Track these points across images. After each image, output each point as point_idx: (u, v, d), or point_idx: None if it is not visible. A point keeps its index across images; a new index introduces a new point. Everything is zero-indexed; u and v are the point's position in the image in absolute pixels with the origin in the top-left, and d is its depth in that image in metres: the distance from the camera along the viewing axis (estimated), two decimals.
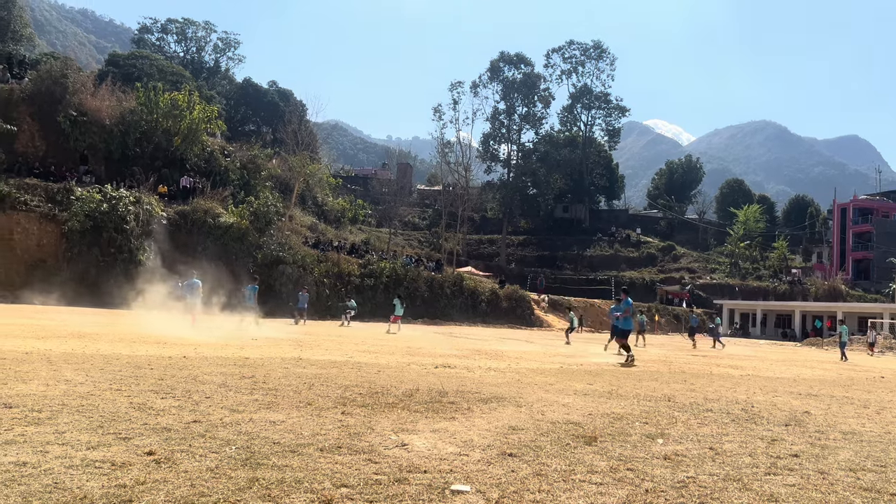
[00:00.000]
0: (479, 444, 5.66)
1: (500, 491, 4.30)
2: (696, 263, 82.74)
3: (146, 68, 64.29)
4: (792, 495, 4.58)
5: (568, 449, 5.66)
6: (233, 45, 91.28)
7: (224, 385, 8.25)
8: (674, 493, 4.49)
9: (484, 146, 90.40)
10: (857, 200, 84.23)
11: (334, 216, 65.79)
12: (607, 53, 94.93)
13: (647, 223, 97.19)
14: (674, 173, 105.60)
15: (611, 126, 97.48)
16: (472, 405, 7.75)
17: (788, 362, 23.87)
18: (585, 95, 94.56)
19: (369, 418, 6.54)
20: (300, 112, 68.66)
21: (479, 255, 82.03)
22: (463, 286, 49.21)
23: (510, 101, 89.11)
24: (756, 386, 12.77)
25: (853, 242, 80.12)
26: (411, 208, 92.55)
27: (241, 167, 51.60)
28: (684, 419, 7.75)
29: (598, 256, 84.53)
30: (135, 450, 4.80)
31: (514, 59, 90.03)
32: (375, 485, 4.31)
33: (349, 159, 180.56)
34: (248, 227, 41.29)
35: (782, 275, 76.28)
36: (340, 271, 43.56)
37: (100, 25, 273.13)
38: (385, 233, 71.76)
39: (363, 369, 11.26)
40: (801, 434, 7.21)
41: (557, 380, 11.62)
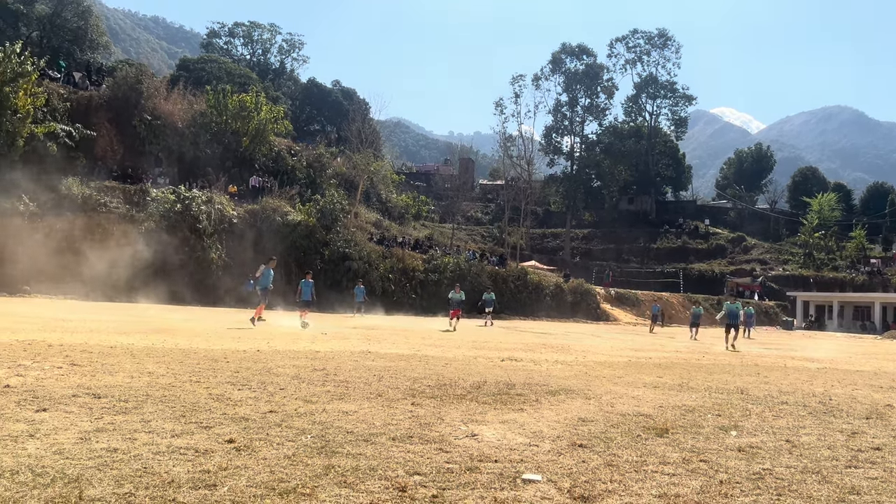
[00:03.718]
0: (548, 434, 5.67)
1: (571, 480, 4.32)
2: (768, 255, 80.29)
3: (215, 71, 66.14)
4: (874, 488, 4.45)
5: (639, 440, 5.63)
6: (297, 46, 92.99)
7: (297, 377, 8.47)
8: (749, 484, 4.42)
9: (546, 139, 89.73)
10: None
11: (398, 212, 66.39)
12: (672, 41, 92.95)
13: (716, 214, 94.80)
14: (743, 162, 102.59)
15: (677, 115, 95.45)
16: (540, 397, 7.76)
17: (869, 355, 22.98)
18: (650, 85, 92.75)
19: (439, 409, 6.62)
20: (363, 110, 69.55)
21: (542, 248, 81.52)
22: (527, 280, 49.03)
23: (572, 93, 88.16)
24: (834, 379, 12.36)
25: None
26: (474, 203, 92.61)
27: (307, 166, 52.63)
28: (758, 411, 7.59)
29: (666, 249, 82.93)
30: (216, 438, 4.99)
31: (575, 51, 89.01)
32: (447, 473, 4.38)
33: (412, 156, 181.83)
34: (315, 225, 42.10)
35: (860, 265, 73.26)
36: (405, 267, 44.00)
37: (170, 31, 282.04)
38: (448, 228, 72.01)
39: (430, 362, 11.39)
40: (884, 427, 6.97)
41: (626, 373, 11.51)
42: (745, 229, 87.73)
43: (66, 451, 4.40)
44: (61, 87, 42.49)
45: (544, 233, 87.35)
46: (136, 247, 34.80)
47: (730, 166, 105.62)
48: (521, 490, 4.10)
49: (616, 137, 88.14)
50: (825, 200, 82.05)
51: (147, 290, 32.20)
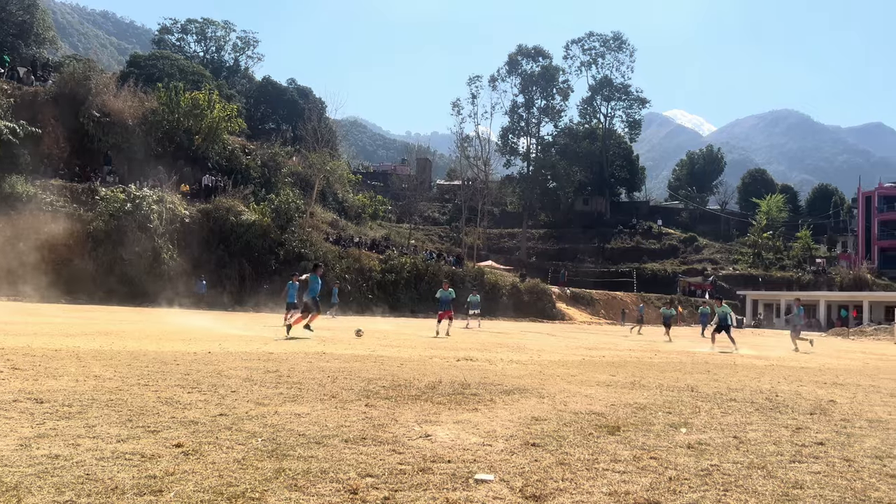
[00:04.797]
0: (502, 434, 5.69)
1: (523, 479, 4.33)
2: (719, 254, 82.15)
3: (167, 68, 64.90)
4: (817, 482, 4.56)
5: (591, 438, 5.68)
6: (252, 44, 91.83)
7: (249, 379, 8.35)
8: (697, 480, 4.49)
9: (503, 140, 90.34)
10: (882, 188, 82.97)
11: (354, 212, 66.09)
12: (627, 44, 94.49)
13: (669, 215, 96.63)
14: (695, 164, 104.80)
15: (631, 117, 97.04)
16: (494, 397, 7.78)
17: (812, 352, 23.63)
18: (605, 87, 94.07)
19: (393, 410, 6.59)
20: (319, 109, 68.97)
21: (499, 249, 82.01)
22: (484, 280, 49.26)
23: (529, 95, 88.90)
24: (780, 376, 12.67)
25: (879, 231, 79.03)
26: (431, 203, 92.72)
27: (261, 165, 52.03)
28: (707, 408, 7.73)
29: (620, 249, 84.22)
30: (163, 442, 4.88)
31: (531, 52, 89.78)
32: (400, 474, 4.36)
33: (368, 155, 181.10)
34: (270, 224, 41.66)
35: (806, 265, 75.48)
36: (361, 267, 43.79)
37: (121, 27, 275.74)
38: (405, 228, 71.97)
39: (386, 363, 11.34)
40: (827, 422, 7.16)
41: (580, 371, 11.63)
42: (696, 229, 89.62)
43: (5, 459, 4.26)
44: (5, 83, 41.26)
45: (501, 233, 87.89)
46: (84, 247, 33.97)
47: (682, 168, 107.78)
48: (474, 490, 4.10)
49: (571, 139, 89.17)
50: (773, 202, 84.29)
51: (95, 291, 31.45)
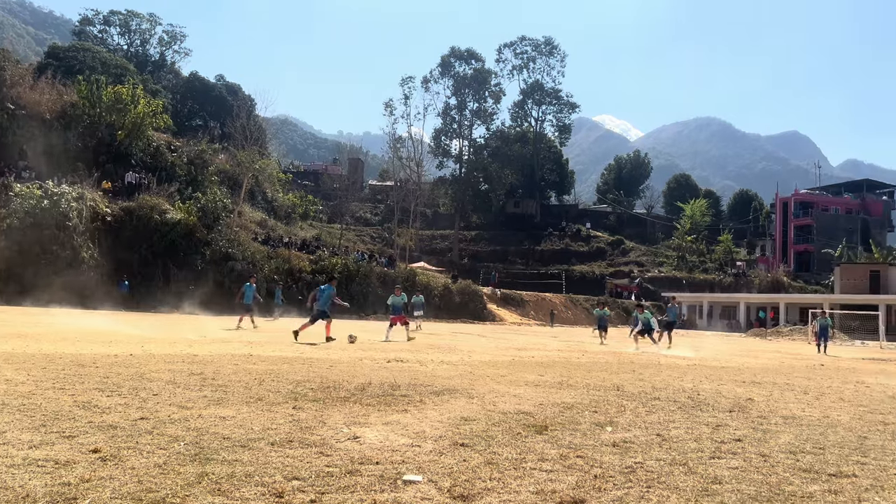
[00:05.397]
0: (431, 435, 5.68)
1: (451, 480, 4.33)
2: (645, 257, 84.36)
3: (88, 61, 62.49)
4: (735, 477, 4.72)
5: (519, 438, 5.73)
6: (178, 39, 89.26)
7: (172, 382, 8.11)
8: (622, 478, 4.59)
9: (436, 141, 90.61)
10: (798, 195, 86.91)
11: (284, 212, 65.12)
12: (558, 50, 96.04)
13: (597, 218, 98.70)
14: (622, 169, 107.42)
15: (561, 122, 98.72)
16: (424, 398, 7.77)
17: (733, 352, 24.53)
18: (536, 91, 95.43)
19: (321, 412, 6.51)
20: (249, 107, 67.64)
21: (431, 250, 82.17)
22: (416, 281, 49.17)
23: (461, 97, 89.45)
24: (702, 375, 13.09)
25: (795, 235, 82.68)
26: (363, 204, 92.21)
27: (188, 162, 50.68)
28: (633, 407, 7.91)
29: (549, 251, 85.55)
30: (79, 448, 4.69)
31: (464, 55, 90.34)
32: (327, 477, 4.30)
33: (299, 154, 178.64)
34: (196, 224, 40.60)
35: (727, 267, 78.30)
36: (291, 268, 43.12)
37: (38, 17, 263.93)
38: (336, 228, 71.35)
39: (315, 365, 11.19)
40: (745, 419, 7.42)
41: (509, 371, 11.74)
42: (623, 232, 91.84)
43: None
44: None
45: (433, 234, 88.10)
46: None
47: (610, 172, 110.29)
48: (402, 491, 4.08)
49: (503, 142, 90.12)
50: (697, 206, 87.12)
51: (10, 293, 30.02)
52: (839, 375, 14.91)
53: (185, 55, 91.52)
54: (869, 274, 58.41)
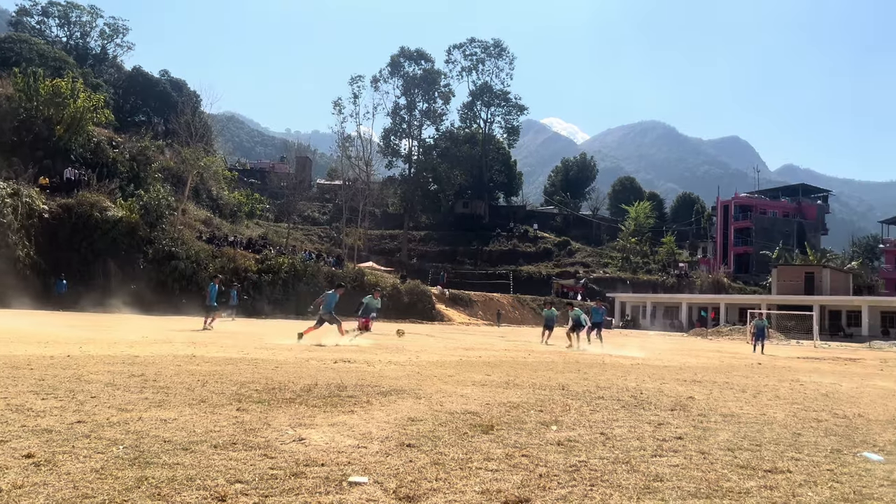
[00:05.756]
0: (377, 436, 5.66)
1: (397, 481, 4.32)
2: (590, 258, 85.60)
3: (25, 53, 60.35)
4: (675, 475, 4.82)
5: (465, 438, 5.75)
6: (121, 32, 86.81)
7: (111, 384, 7.89)
8: (566, 476, 4.64)
9: (385, 141, 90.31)
10: (738, 198, 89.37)
11: (230, 210, 64.02)
12: (507, 52, 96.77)
13: (544, 219, 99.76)
14: (569, 171, 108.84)
15: (510, 124, 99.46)
16: (371, 398, 7.74)
17: (675, 351, 25.09)
18: (485, 93, 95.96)
19: (266, 414, 6.42)
20: (194, 103, 66.28)
21: (380, 250, 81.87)
22: (364, 281, 48.93)
23: (411, 97, 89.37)
24: (645, 374, 13.34)
25: (734, 238, 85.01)
26: (311, 203, 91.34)
27: (130, 159, 49.41)
28: (577, 406, 8.01)
29: (497, 251, 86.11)
30: (11, 453, 4.52)
31: (414, 55, 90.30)
32: (271, 479, 4.24)
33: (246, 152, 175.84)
34: (138, 221, 39.61)
35: (670, 268, 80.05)
36: (236, 267, 42.42)
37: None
38: (284, 227, 70.47)
39: (260, 365, 11.03)
40: (686, 418, 7.59)
41: (457, 371, 11.76)
42: (570, 234, 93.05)
43: None
44: None
45: (382, 234, 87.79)
46: None
47: (557, 174, 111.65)
48: (347, 493, 4.05)
49: (452, 143, 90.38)
50: (641, 208, 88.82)
51: None
52: (776, 374, 15.38)
53: (127, 49, 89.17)
54: (804, 275, 60.45)
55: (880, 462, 5.63)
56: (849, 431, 7.20)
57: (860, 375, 16.60)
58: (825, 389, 11.97)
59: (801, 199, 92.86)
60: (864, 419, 8.27)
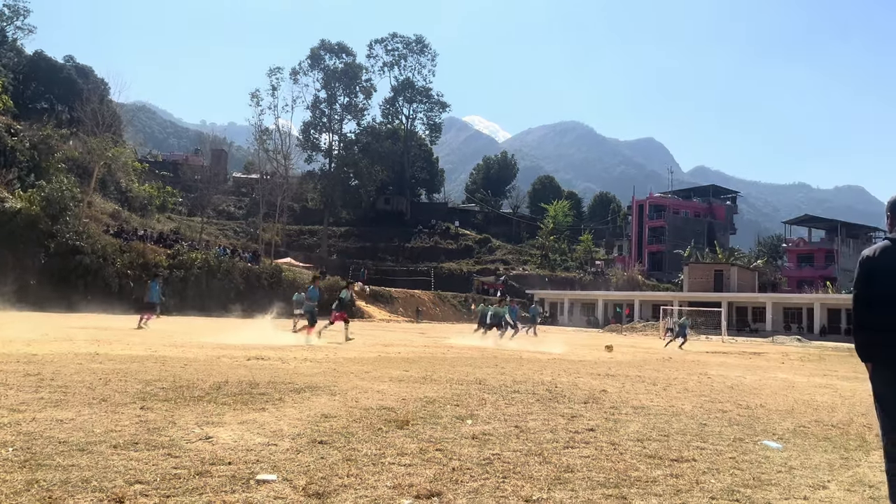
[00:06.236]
0: (288, 433, 5.52)
1: (307, 478, 4.22)
2: (511, 255, 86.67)
3: None
4: (586, 465, 4.89)
5: (379, 434, 5.68)
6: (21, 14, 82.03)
7: (3, 383, 7.43)
8: (479, 469, 4.64)
9: (304, 135, 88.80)
10: (652, 198, 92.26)
11: (140, 203, 61.74)
12: (429, 48, 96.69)
13: (466, 216, 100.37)
14: (490, 169, 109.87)
15: (432, 121, 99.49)
16: (283, 395, 7.56)
17: (591, 347, 25.68)
18: (407, 89, 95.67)
19: (172, 412, 6.17)
20: (101, 90, 63.44)
21: (299, 246, 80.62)
22: (281, 278, 48.08)
23: (331, 91, 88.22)
24: (560, 368, 13.57)
25: (649, 236, 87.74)
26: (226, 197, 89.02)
27: (30, 147, 46.94)
28: (493, 400, 8.06)
29: (419, 248, 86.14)
30: None
31: (335, 48, 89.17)
32: (174, 479, 4.07)
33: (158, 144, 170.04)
34: (39, 214, 37.61)
35: (588, 266, 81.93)
36: (146, 262, 40.88)
37: None
38: (197, 222, 68.47)
39: (168, 363, 10.64)
40: (598, 410, 7.74)
41: (374, 368, 11.67)
42: (490, 231, 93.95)
43: None
44: None
45: (301, 229, 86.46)
46: None
47: (478, 172, 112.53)
48: (254, 491, 3.92)
49: (374, 138, 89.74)
50: (560, 207, 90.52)
51: None
52: (685, 368, 15.94)
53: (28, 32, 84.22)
54: (713, 273, 63.05)
55: (779, 449, 5.88)
56: (751, 421, 7.50)
57: (763, 368, 17.40)
58: (731, 382, 12.47)
59: (712, 199, 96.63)
60: (765, 409, 8.64)
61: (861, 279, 3.99)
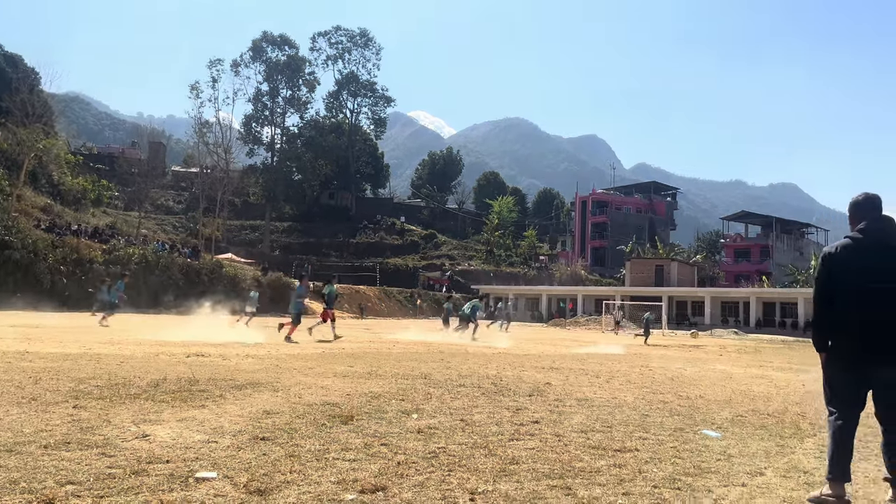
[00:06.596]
0: (229, 430, 5.40)
1: (248, 475, 4.12)
2: (456, 251, 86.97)
3: None
4: (531, 457, 4.91)
5: (323, 429, 5.60)
6: None
7: None
8: (424, 463, 4.61)
9: (246, 128, 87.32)
10: (595, 194, 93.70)
11: (73, 197, 59.76)
12: (373, 42, 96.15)
13: (411, 212, 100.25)
14: (436, 164, 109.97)
15: (377, 115, 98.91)
16: (224, 392, 7.39)
17: (536, 341, 25.95)
18: (352, 83, 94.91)
19: (106, 411, 5.96)
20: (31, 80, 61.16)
21: (240, 241, 79.30)
22: (222, 273, 47.14)
23: (274, 83, 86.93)
24: (506, 362, 13.65)
25: (592, 232, 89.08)
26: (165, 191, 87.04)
27: None
28: (438, 394, 8.04)
29: (364, 244, 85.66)
30: None
31: (277, 40, 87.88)
32: (109, 479, 3.93)
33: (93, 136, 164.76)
34: None
35: (532, 261, 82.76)
36: (80, 258, 39.53)
37: None
38: (134, 216, 66.68)
39: (103, 361, 10.31)
40: (543, 403, 7.79)
41: (318, 364, 11.53)
42: (436, 227, 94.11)
43: None
44: None
45: (242, 224, 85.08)
46: None
47: (424, 167, 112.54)
48: (193, 489, 3.81)
49: (318, 132, 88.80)
50: (504, 203, 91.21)
51: None
52: (627, 360, 16.23)
53: None
54: (654, 268, 64.38)
55: (718, 438, 6.01)
56: (691, 411, 7.66)
57: (702, 360, 17.86)
58: (671, 374, 12.74)
59: (653, 196, 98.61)
60: (704, 400, 8.85)
61: (822, 274, 4.28)
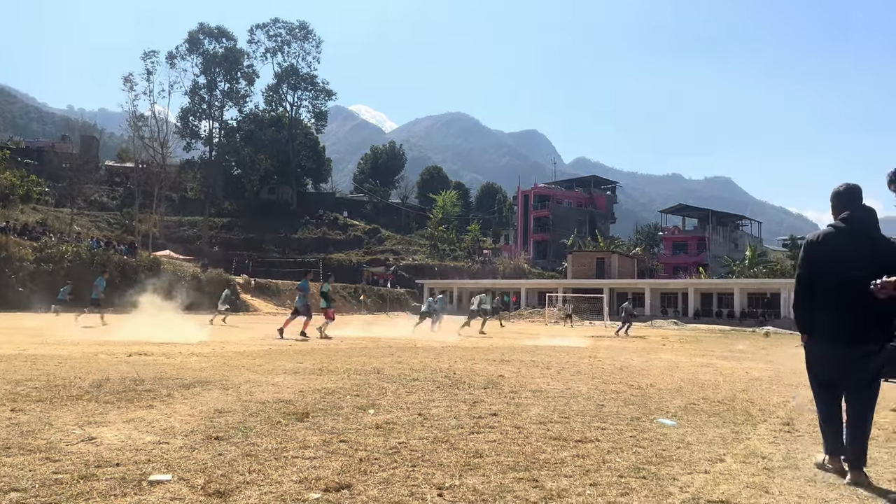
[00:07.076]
0: (181, 430, 5.20)
1: (205, 476, 3.96)
2: (400, 245, 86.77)
3: None
4: (494, 450, 4.87)
5: (279, 427, 5.45)
6: None
7: None
8: (387, 459, 4.52)
9: (183, 122, 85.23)
10: (536, 188, 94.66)
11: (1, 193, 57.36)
12: (313, 35, 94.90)
13: (354, 207, 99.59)
14: (378, 159, 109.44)
15: (317, 109, 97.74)
16: (172, 391, 7.14)
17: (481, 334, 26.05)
18: (291, 76, 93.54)
19: (47, 413, 5.68)
20: None
21: (178, 237, 77.45)
22: (160, 271, 45.93)
23: (211, 76, 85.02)
24: (456, 356, 13.63)
25: (534, 226, 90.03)
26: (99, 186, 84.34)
27: None
28: (393, 389, 7.95)
29: (307, 239, 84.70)
30: None
31: (214, 32, 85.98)
32: (55, 485, 3.71)
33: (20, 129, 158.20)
34: None
35: (475, 255, 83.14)
36: (9, 256, 37.99)
37: None
38: (66, 213, 64.43)
39: (39, 361, 9.87)
40: (498, 395, 7.78)
41: (266, 361, 11.29)
42: (380, 221, 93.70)
43: None
44: None
45: (180, 220, 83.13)
46: None
47: (366, 162, 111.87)
48: (148, 493, 3.63)
49: (257, 126, 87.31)
50: (448, 197, 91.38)
51: None
52: (575, 352, 16.41)
53: None
54: (595, 261, 65.45)
55: (674, 426, 6.09)
56: (644, 400, 7.76)
57: (647, 351, 18.19)
58: (620, 364, 12.92)
59: (593, 190, 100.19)
60: (655, 389, 8.98)
61: (804, 261, 4.50)
